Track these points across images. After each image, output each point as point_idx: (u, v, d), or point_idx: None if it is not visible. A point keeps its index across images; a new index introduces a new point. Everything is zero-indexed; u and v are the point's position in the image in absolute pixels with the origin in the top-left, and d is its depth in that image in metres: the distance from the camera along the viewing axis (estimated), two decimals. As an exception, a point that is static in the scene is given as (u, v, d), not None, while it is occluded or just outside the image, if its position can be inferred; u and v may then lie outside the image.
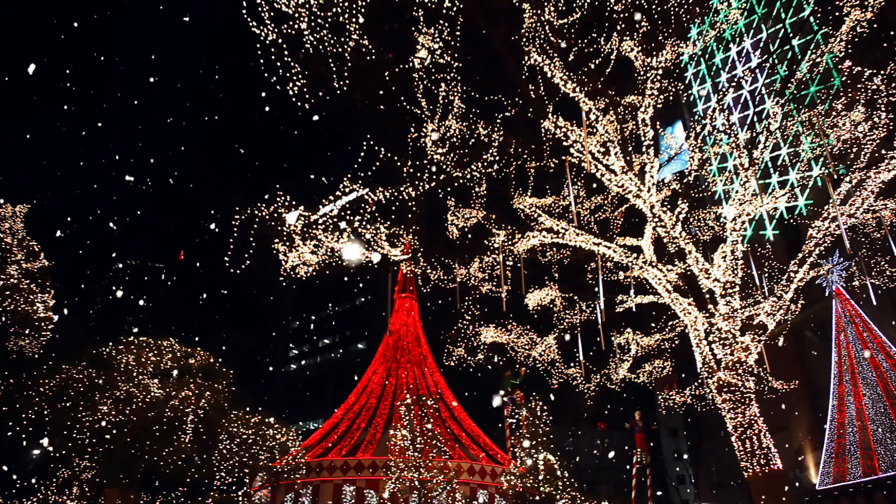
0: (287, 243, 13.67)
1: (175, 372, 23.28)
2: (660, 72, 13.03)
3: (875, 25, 11.95)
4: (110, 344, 23.73)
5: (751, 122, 13.78)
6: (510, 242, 14.79)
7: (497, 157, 14.17)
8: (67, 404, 20.66)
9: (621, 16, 12.68)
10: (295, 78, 12.59)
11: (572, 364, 18.12)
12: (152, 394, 21.91)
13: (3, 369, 19.66)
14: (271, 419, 26.45)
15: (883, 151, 12.46)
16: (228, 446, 23.80)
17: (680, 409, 20.13)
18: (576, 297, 17.63)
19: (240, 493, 26.64)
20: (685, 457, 70.28)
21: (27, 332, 19.83)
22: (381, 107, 13.84)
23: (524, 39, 12.98)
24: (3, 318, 19.17)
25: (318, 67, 12.69)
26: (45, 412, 20.34)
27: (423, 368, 43.53)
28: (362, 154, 14.04)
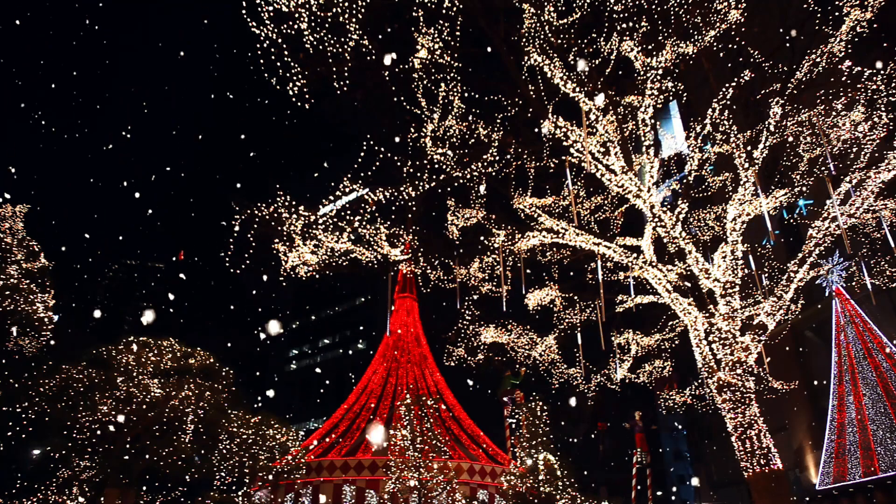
0: (287, 243, 13.67)
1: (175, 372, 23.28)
2: (660, 72, 13.01)
3: (875, 25, 11.95)
4: (110, 345, 23.72)
5: (751, 122, 13.76)
6: (510, 242, 14.77)
7: (497, 157, 14.15)
8: (67, 404, 20.64)
9: (621, 16, 12.66)
10: (295, 78, 12.58)
11: (573, 362, 18.11)
12: (152, 394, 21.89)
13: (3, 369, 19.64)
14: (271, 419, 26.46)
15: (883, 151, 12.46)
16: (228, 446, 23.80)
17: (680, 409, 20.12)
18: (576, 297, 17.61)
19: (240, 493, 26.65)
20: (685, 457, 70.28)
21: (27, 332, 19.80)
22: (381, 107, 13.83)
23: (524, 39, 12.97)
24: (4, 318, 19.15)
25: (318, 67, 12.68)
26: (46, 412, 20.32)
27: (423, 368, 43.52)
28: (362, 154, 14.04)
